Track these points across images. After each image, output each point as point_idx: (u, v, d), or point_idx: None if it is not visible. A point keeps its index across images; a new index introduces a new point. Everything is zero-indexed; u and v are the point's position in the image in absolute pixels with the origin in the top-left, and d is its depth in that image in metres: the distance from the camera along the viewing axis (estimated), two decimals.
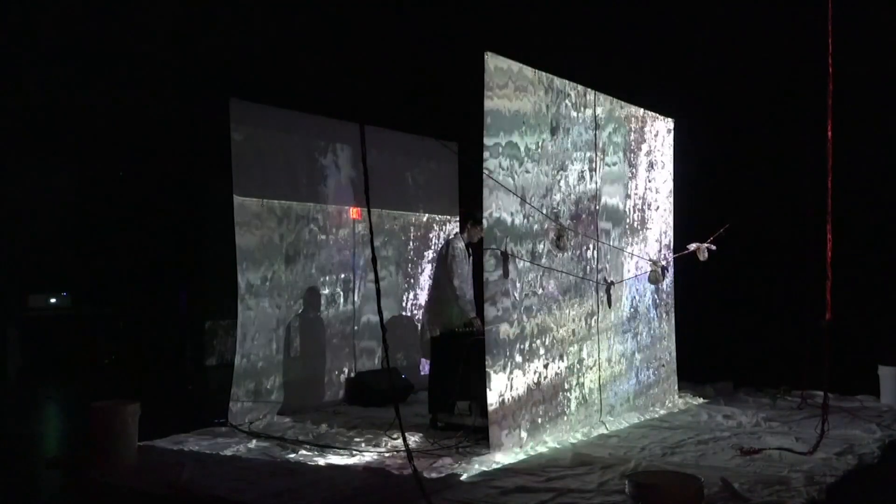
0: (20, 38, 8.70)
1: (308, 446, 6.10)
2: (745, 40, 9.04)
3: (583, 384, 6.64)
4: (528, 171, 6.15)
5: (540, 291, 6.23)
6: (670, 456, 5.65)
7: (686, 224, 8.05)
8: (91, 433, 5.66)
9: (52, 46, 8.84)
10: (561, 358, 6.39)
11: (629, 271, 7.38)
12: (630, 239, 7.44)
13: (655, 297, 7.81)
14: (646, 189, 7.74)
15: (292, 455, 5.86)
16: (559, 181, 6.51)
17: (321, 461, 5.66)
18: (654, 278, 7.59)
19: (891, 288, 8.41)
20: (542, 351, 6.20)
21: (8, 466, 5.86)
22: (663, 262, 7.76)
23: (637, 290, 7.52)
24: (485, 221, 5.79)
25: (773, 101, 8.95)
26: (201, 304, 10.78)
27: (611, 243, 7.11)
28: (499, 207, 5.84)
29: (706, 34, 9.16)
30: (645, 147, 7.74)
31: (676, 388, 8.03)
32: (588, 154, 6.89)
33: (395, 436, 6.18)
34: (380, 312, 4.71)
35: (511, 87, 6.00)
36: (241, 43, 10.16)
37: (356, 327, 8.30)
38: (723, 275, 8.17)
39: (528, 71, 6.19)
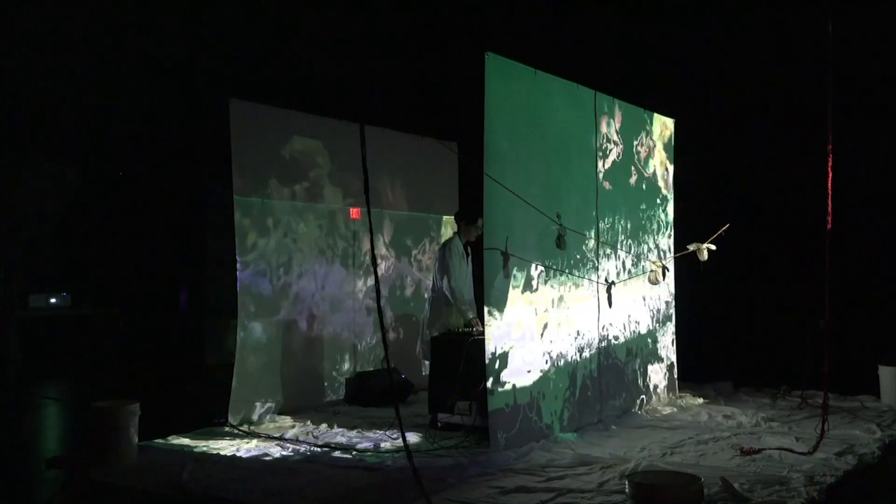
0: (20, 37, 8.71)
1: (308, 446, 6.11)
2: (745, 40, 9.05)
3: (583, 384, 6.64)
4: (527, 171, 6.15)
5: (541, 291, 6.23)
6: (670, 456, 5.64)
7: (686, 224, 8.05)
8: (91, 433, 5.67)
9: (52, 46, 8.85)
10: (562, 358, 6.40)
11: (630, 271, 7.38)
12: (630, 239, 7.44)
13: (656, 296, 7.81)
14: (646, 188, 7.74)
15: (292, 455, 5.86)
16: (559, 180, 6.52)
17: (321, 461, 5.66)
18: (654, 278, 7.59)
19: (890, 288, 8.42)
20: (542, 351, 6.20)
21: (8, 466, 5.87)
22: (663, 262, 7.76)
23: (637, 289, 7.52)
24: (484, 221, 5.79)
25: (774, 101, 8.96)
26: (201, 304, 10.79)
27: (612, 243, 7.10)
28: (498, 207, 5.84)
29: (707, 34, 9.17)
30: (645, 146, 7.74)
31: (676, 388, 8.03)
32: (588, 153, 6.89)
33: (395, 436, 6.19)
34: (379, 312, 4.72)
35: (511, 87, 5.99)
36: (241, 43, 10.17)
37: (356, 327, 8.30)
38: (723, 275, 8.17)
39: (529, 71, 6.19)
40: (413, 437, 6.13)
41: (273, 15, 10.43)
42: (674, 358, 8.06)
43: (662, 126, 8.05)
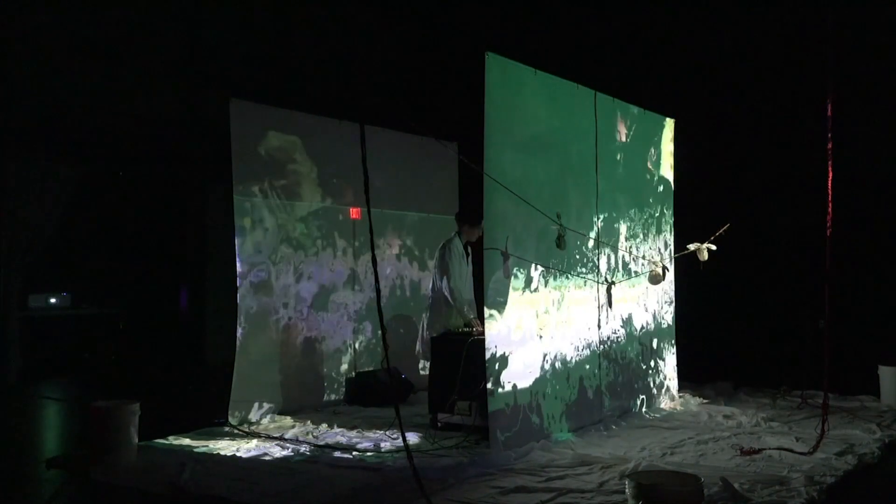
0: (21, 36, 8.70)
1: (308, 446, 6.11)
2: (745, 40, 9.06)
3: (583, 384, 6.64)
4: (527, 171, 6.14)
5: (541, 291, 6.23)
6: (670, 456, 5.64)
7: (686, 224, 8.05)
8: (91, 433, 5.67)
9: (52, 46, 8.84)
10: (562, 358, 6.39)
11: (630, 271, 7.38)
12: (630, 239, 7.44)
13: (656, 297, 7.81)
14: (645, 188, 7.74)
15: (292, 455, 5.86)
16: (559, 180, 6.51)
17: (321, 461, 5.66)
18: (654, 278, 7.59)
19: (890, 288, 8.41)
20: (542, 351, 6.20)
21: (8, 466, 5.86)
22: (663, 262, 7.76)
23: (638, 290, 7.51)
24: (484, 221, 5.79)
25: (774, 101, 8.96)
26: (201, 304, 10.78)
27: (612, 243, 7.10)
28: (498, 207, 5.84)
29: (707, 34, 9.17)
30: (645, 146, 7.74)
31: (676, 387, 8.03)
32: (588, 153, 6.89)
33: (395, 436, 6.18)
34: (380, 312, 4.71)
35: (511, 87, 5.99)
36: (241, 43, 10.17)
37: (356, 327, 8.30)
38: (723, 275, 8.17)
39: (529, 71, 6.19)
40: (413, 437, 6.13)
41: (273, 15, 10.44)
42: (674, 358, 8.06)
43: (664, 126, 8.04)
